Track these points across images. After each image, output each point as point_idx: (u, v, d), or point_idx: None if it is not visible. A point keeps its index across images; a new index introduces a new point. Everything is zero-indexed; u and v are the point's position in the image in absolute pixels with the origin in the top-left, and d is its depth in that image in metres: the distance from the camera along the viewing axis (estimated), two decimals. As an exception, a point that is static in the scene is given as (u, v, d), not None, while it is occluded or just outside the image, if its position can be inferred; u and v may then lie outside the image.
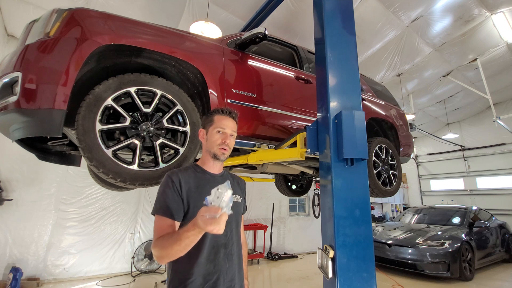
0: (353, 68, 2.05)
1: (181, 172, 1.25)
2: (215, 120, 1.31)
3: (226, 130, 1.30)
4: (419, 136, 11.83)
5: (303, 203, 8.74)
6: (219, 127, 1.29)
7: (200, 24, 3.75)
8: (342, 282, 1.56)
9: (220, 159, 1.30)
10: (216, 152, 1.28)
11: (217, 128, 1.29)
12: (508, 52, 7.15)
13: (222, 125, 1.29)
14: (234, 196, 1.32)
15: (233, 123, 1.34)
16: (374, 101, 3.48)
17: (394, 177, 3.15)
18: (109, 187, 2.45)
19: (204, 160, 1.34)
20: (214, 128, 1.30)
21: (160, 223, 1.11)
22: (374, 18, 5.40)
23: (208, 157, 1.32)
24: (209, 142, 1.30)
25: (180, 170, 1.28)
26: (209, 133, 1.31)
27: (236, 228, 1.31)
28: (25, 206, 4.81)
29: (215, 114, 1.33)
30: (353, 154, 1.73)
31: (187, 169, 1.30)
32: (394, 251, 5.49)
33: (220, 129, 1.29)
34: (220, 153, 1.28)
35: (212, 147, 1.29)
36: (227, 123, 1.31)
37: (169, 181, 1.19)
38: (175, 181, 1.18)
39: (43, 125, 1.39)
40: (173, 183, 1.18)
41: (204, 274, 1.14)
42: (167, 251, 0.99)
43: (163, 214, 1.12)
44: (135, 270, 5.46)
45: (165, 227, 1.10)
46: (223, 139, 1.28)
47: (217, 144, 1.28)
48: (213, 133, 1.30)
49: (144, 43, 1.74)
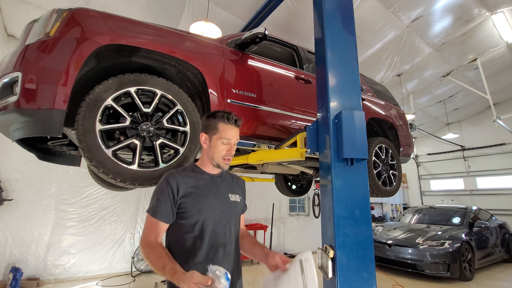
0: (353, 68, 2.04)
1: (179, 173, 1.25)
2: (220, 129, 1.27)
3: (231, 141, 1.28)
4: (419, 136, 11.82)
5: (303, 203, 8.74)
6: (225, 137, 1.26)
7: (200, 24, 3.75)
8: (342, 282, 1.56)
9: (223, 169, 1.30)
10: (220, 162, 1.27)
11: (223, 139, 1.26)
12: (508, 52, 7.15)
13: (228, 136, 1.26)
14: (233, 196, 1.33)
15: (238, 132, 1.32)
16: (374, 101, 3.48)
17: (394, 177, 3.15)
18: (109, 187, 2.44)
19: (204, 162, 1.33)
20: (219, 138, 1.26)
21: (149, 222, 1.17)
22: (374, 18, 5.40)
23: (208, 162, 1.31)
24: (213, 151, 1.28)
25: (178, 171, 1.28)
26: (213, 142, 1.28)
27: (235, 228, 1.31)
28: (25, 206, 4.81)
29: (219, 122, 1.28)
30: (353, 154, 1.73)
31: (185, 169, 1.30)
32: (394, 251, 5.49)
33: (226, 140, 1.26)
34: (224, 164, 1.28)
35: (217, 158, 1.27)
36: (233, 133, 1.28)
37: (164, 184, 1.20)
38: (172, 183, 1.19)
39: (43, 125, 1.39)
40: (168, 185, 1.19)
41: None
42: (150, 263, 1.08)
43: (153, 215, 1.17)
44: (135, 270, 5.46)
45: (153, 228, 1.16)
46: (228, 151, 1.27)
47: (222, 156, 1.26)
48: (217, 143, 1.26)
49: (144, 43, 1.74)
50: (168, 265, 1.02)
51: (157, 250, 1.09)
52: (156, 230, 1.16)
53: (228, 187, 1.34)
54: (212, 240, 1.20)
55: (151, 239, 1.14)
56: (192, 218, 1.19)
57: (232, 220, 1.28)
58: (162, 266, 1.03)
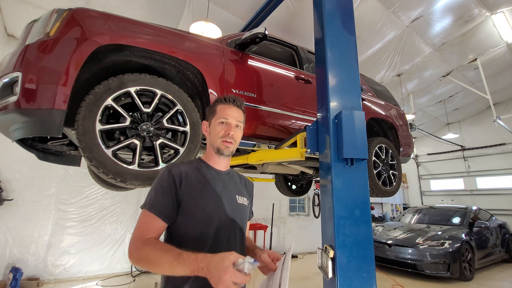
0: (353, 68, 2.04)
1: (183, 164, 1.12)
2: (218, 110, 1.16)
3: (229, 120, 1.14)
4: (419, 136, 11.83)
5: (303, 203, 8.74)
6: (222, 117, 1.14)
7: (200, 24, 3.75)
8: (342, 282, 1.56)
9: (224, 154, 1.15)
10: (219, 146, 1.13)
11: (220, 118, 1.14)
12: (508, 52, 7.15)
13: (225, 115, 1.14)
14: (241, 198, 1.20)
15: (239, 113, 1.17)
16: (374, 101, 3.48)
17: (394, 177, 3.15)
18: (109, 187, 2.45)
19: (208, 155, 1.20)
20: (217, 119, 1.15)
21: (145, 219, 0.98)
22: (374, 18, 5.40)
23: (211, 152, 1.18)
24: (212, 135, 1.16)
25: (183, 163, 1.14)
26: (212, 125, 1.17)
27: (241, 235, 1.14)
28: (25, 206, 4.81)
29: (217, 104, 1.18)
30: (353, 154, 1.73)
31: (190, 162, 1.17)
32: (394, 251, 5.49)
33: (223, 119, 1.14)
34: (224, 146, 1.13)
35: (215, 141, 1.14)
36: (231, 112, 1.15)
37: (166, 175, 1.04)
38: (175, 175, 1.04)
39: (43, 125, 1.39)
40: (171, 177, 1.03)
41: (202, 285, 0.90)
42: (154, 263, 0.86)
43: (150, 209, 0.99)
44: (135, 270, 5.46)
45: (150, 226, 0.97)
46: (226, 131, 1.13)
47: (220, 137, 1.13)
48: (215, 125, 1.15)
49: (144, 43, 1.74)
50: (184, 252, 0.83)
51: (161, 245, 0.89)
52: (153, 228, 0.96)
53: (235, 188, 1.21)
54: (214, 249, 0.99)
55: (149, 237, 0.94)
56: (194, 218, 1.03)
57: (238, 225, 1.12)
58: (176, 255, 0.82)
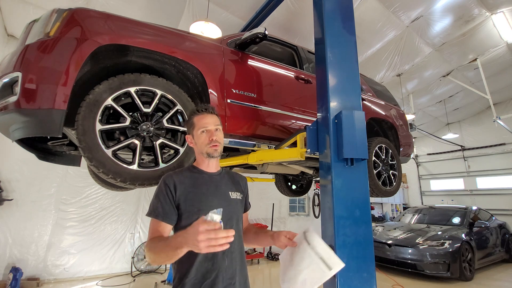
0: (353, 68, 2.04)
1: (176, 174, 1.26)
2: (195, 121, 1.31)
3: (209, 127, 1.29)
4: (419, 136, 11.82)
5: (303, 203, 8.74)
6: (202, 127, 1.28)
7: (200, 24, 3.75)
8: (342, 282, 1.56)
9: (214, 156, 1.29)
10: (208, 151, 1.27)
11: (201, 128, 1.28)
12: (508, 52, 7.15)
13: (204, 124, 1.29)
14: (234, 194, 1.33)
15: (214, 118, 1.32)
16: (374, 101, 3.47)
17: (394, 177, 3.15)
18: (109, 187, 2.44)
19: (199, 161, 1.35)
20: (198, 129, 1.29)
21: (153, 225, 1.17)
22: (374, 18, 5.40)
23: (202, 158, 1.32)
24: (199, 145, 1.30)
25: (176, 172, 1.29)
26: (195, 137, 1.31)
27: (237, 226, 1.29)
28: (25, 206, 4.81)
29: (193, 116, 1.33)
30: (353, 154, 1.73)
31: (183, 170, 1.31)
32: (394, 251, 5.49)
33: (203, 128, 1.28)
34: (212, 150, 1.27)
35: (203, 148, 1.28)
36: (207, 120, 1.30)
37: (162, 185, 1.21)
38: (169, 184, 1.20)
39: (43, 125, 1.39)
40: (166, 186, 1.20)
41: (203, 273, 1.14)
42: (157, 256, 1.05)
43: (156, 217, 1.17)
44: (135, 270, 5.47)
45: (157, 230, 1.15)
46: (209, 137, 1.27)
47: (206, 144, 1.27)
48: (198, 134, 1.29)
49: (144, 43, 1.74)
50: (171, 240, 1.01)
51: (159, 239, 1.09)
52: (160, 232, 1.15)
53: (228, 185, 1.34)
54: None
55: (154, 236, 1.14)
56: (191, 218, 1.16)
57: (234, 218, 1.27)
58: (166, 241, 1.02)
